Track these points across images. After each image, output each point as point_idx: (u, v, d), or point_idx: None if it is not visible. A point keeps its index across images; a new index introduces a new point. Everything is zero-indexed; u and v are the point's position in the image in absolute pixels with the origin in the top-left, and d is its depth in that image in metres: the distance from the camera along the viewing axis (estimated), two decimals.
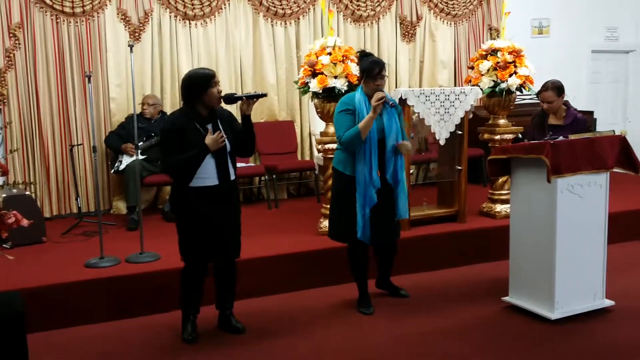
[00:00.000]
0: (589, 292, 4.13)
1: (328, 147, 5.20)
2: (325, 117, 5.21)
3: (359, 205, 4.01)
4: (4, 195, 5.02)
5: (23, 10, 6.00)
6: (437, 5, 7.73)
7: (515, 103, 5.98)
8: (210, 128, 3.63)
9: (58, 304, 4.14)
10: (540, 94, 4.70)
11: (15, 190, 5.33)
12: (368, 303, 4.31)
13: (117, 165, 6.05)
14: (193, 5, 6.60)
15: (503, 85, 5.57)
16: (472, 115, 5.60)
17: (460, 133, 5.47)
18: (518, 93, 5.74)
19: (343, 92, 4.98)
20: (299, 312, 4.34)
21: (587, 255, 4.07)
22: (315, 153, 6.81)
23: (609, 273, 4.21)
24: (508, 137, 5.71)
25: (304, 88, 5.14)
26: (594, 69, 9.20)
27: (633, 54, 9.44)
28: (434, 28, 7.79)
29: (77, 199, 6.24)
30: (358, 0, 7.30)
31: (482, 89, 5.66)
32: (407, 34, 7.63)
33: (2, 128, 5.97)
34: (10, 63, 6.00)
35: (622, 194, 6.27)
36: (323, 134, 5.28)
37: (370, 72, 4.02)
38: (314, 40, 5.58)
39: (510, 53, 5.62)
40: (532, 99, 6.90)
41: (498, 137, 5.74)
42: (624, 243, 5.69)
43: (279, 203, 6.70)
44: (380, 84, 4.03)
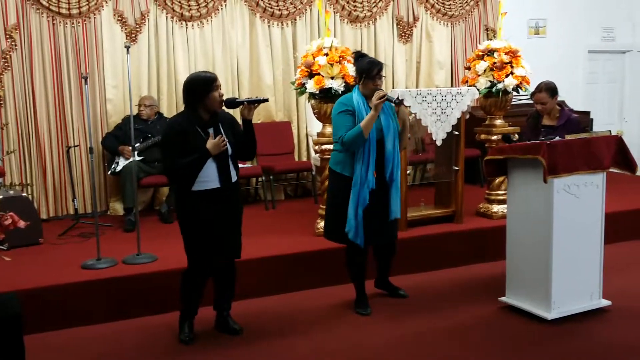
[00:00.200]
0: (586, 292, 4.13)
1: (325, 148, 5.20)
2: (322, 118, 5.21)
3: (353, 206, 4.00)
4: (1, 197, 5.04)
5: (19, 12, 5.99)
6: (433, 6, 7.74)
7: (512, 103, 5.99)
8: (212, 132, 3.62)
9: (55, 306, 4.13)
10: (534, 96, 4.71)
11: (12, 192, 5.34)
12: (365, 304, 4.31)
13: (113, 167, 6.04)
14: (190, 6, 6.60)
15: (499, 86, 5.58)
16: (468, 116, 5.61)
17: (457, 133, 5.47)
18: (514, 93, 5.76)
19: (340, 92, 4.99)
20: (297, 312, 4.34)
21: (583, 256, 4.08)
22: (312, 154, 6.81)
23: (606, 273, 4.21)
24: None
25: (301, 89, 5.14)
26: (591, 69, 9.22)
27: (629, 54, 9.46)
28: (431, 29, 7.80)
29: (73, 201, 6.23)
30: (355, 1, 7.31)
31: (478, 90, 5.67)
32: (403, 35, 7.64)
33: None
34: (7, 64, 5.99)
35: (618, 194, 6.28)
36: (320, 135, 5.28)
37: (369, 72, 4.02)
38: (311, 41, 5.59)
39: (507, 53, 5.63)
40: (528, 100, 6.90)
41: (495, 137, 5.75)
42: (621, 243, 5.70)
43: (276, 204, 6.70)
44: (379, 85, 4.03)
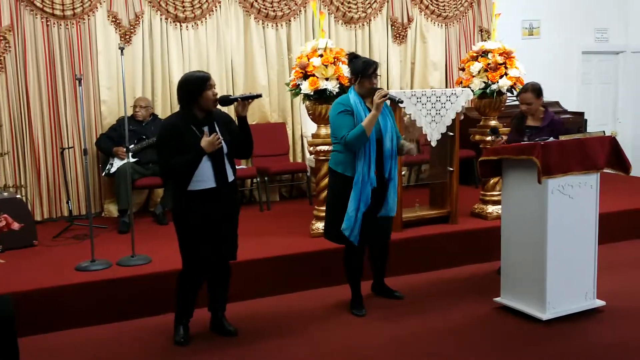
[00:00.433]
0: (580, 292, 4.15)
1: (320, 149, 5.20)
2: (317, 119, 5.22)
3: (354, 205, 4.00)
4: None
5: (13, 13, 5.97)
6: (428, 7, 7.75)
7: (506, 104, 6.00)
8: (206, 130, 3.62)
9: (49, 308, 4.12)
10: (520, 96, 4.74)
11: (6, 194, 5.33)
12: (360, 305, 4.32)
13: (108, 168, 6.03)
14: (184, 8, 6.59)
15: (494, 87, 5.60)
16: (463, 117, 5.62)
17: (452, 134, 5.48)
18: (509, 94, 5.77)
19: (334, 94, 4.99)
20: (292, 314, 4.34)
21: (578, 256, 4.09)
22: (307, 155, 6.81)
23: (600, 273, 4.23)
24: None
25: (296, 90, 5.14)
26: (584, 70, 9.25)
27: (623, 55, 9.49)
28: (425, 30, 7.81)
29: (68, 202, 6.21)
30: (349, 2, 7.31)
31: (473, 91, 5.68)
32: (398, 36, 7.65)
33: None
34: (1, 66, 5.96)
35: (612, 195, 6.30)
36: (315, 136, 5.28)
37: (365, 71, 4.05)
38: (305, 42, 5.60)
39: (501, 54, 5.65)
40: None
41: (489, 138, 5.75)
42: (615, 243, 5.72)
43: (271, 205, 6.70)
44: (375, 83, 4.08)
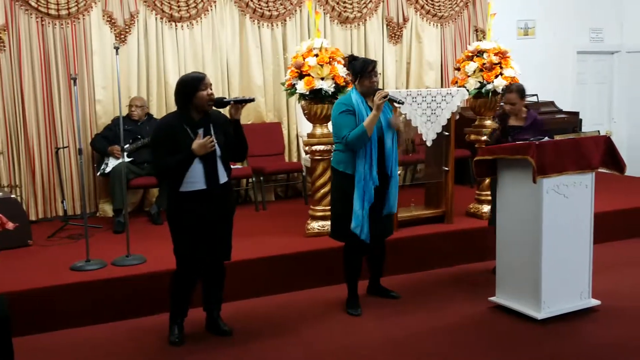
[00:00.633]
0: (575, 291, 4.16)
1: (315, 148, 5.20)
2: (313, 118, 5.21)
3: (359, 203, 4.04)
4: None
5: (8, 13, 5.95)
6: (423, 7, 7.76)
7: (501, 104, 6.01)
8: (201, 132, 3.61)
9: (44, 308, 4.11)
10: (504, 96, 4.79)
11: (1, 194, 5.32)
12: (356, 304, 4.32)
13: (103, 168, 6.01)
14: (179, 7, 6.58)
15: (489, 87, 5.61)
16: (458, 117, 5.62)
17: (447, 134, 5.49)
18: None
19: (330, 93, 4.99)
20: (287, 313, 4.34)
21: (573, 255, 4.10)
22: (303, 155, 6.81)
23: (595, 273, 4.24)
24: None
25: (291, 90, 5.14)
26: (579, 70, 9.27)
27: (618, 55, 9.52)
28: (421, 29, 7.82)
29: (63, 202, 6.19)
30: (344, 2, 7.31)
31: (468, 90, 5.69)
32: (393, 36, 7.65)
33: None
34: None
35: (607, 194, 6.31)
36: (310, 136, 5.28)
37: (364, 70, 4.09)
38: (301, 42, 5.58)
39: (496, 54, 5.66)
40: None
41: (484, 138, 5.77)
42: (610, 243, 5.73)
43: (267, 205, 6.69)
44: (375, 81, 4.11)
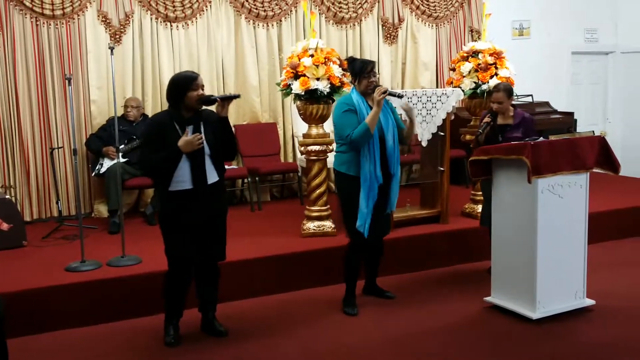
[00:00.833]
0: (570, 291, 4.17)
1: (311, 149, 5.20)
2: (308, 119, 5.21)
3: (365, 202, 4.08)
4: None
5: (2, 13, 5.93)
6: (418, 7, 7.76)
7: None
8: (189, 129, 3.60)
9: (39, 309, 4.09)
10: (492, 95, 4.81)
11: None
12: (353, 304, 4.35)
13: (98, 168, 6.00)
14: (174, 7, 6.57)
15: (484, 87, 5.61)
16: (453, 117, 5.63)
17: (442, 134, 5.49)
18: None
19: (325, 94, 4.99)
20: (283, 314, 4.34)
21: (568, 255, 4.11)
22: (298, 155, 6.81)
23: (590, 272, 4.25)
24: None
25: (287, 90, 5.14)
26: (574, 70, 9.30)
27: (612, 55, 9.55)
28: (416, 30, 7.83)
29: (57, 203, 6.18)
30: (340, 2, 7.31)
31: (463, 91, 5.70)
32: (389, 36, 7.66)
33: None
34: None
35: (602, 194, 6.34)
36: (306, 136, 5.28)
37: (362, 70, 4.14)
38: (296, 42, 5.59)
39: (491, 55, 5.67)
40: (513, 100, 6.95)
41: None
42: (604, 242, 5.76)
43: (262, 205, 6.68)
44: (374, 81, 4.14)
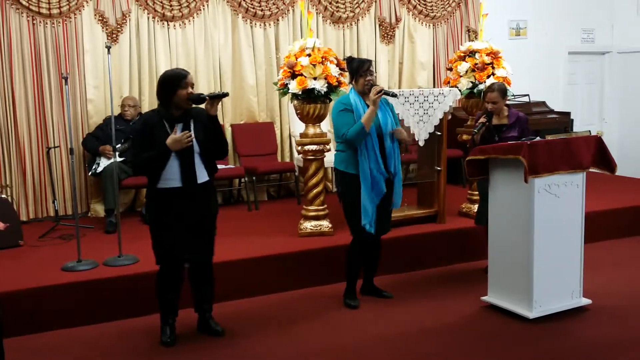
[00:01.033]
0: (567, 291, 4.17)
1: (308, 148, 5.20)
2: (305, 118, 5.21)
3: (368, 199, 4.12)
4: None
5: None
6: (415, 7, 7.77)
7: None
8: (178, 127, 3.59)
9: (35, 308, 4.09)
10: (486, 95, 4.82)
11: None
12: (355, 296, 4.43)
13: (94, 168, 5.99)
14: (171, 7, 6.56)
15: (481, 87, 5.62)
16: (450, 117, 5.64)
17: (439, 134, 5.50)
18: None
19: (322, 93, 4.99)
20: (280, 313, 4.34)
21: (564, 255, 4.12)
22: (295, 154, 6.81)
23: (586, 272, 4.26)
24: None
25: (284, 89, 5.14)
26: (571, 70, 9.32)
27: (609, 55, 9.57)
28: (413, 30, 7.83)
29: (54, 202, 6.16)
30: (337, 2, 7.31)
31: (460, 90, 5.71)
32: (386, 36, 7.66)
33: None
34: None
35: (598, 194, 6.35)
36: (303, 136, 5.28)
37: (359, 70, 4.19)
38: (293, 42, 5.58)
39: (488, 55, 5.68)
40: (509, 100, 6.96)
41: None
42: (601, 242, 5.77)
43: (259, 205, 6.68)
44: (371, 80, 4.18)
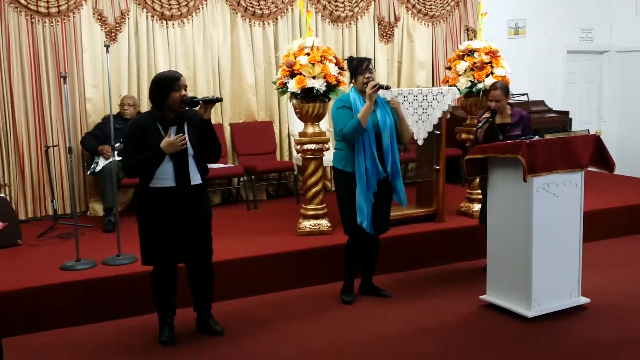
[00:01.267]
0: (565, 289, 4.18)
1: (307, 147, 5.20)
2: (304, 117, 5.21)
3: (362, 197, 4.13)
4: None
5: None
6: (414, 6, 7.77)
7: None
8: (172, 130, 3.59)
9: (34, 307, 4.08)
10: (489, 93, 4.83)
11: None
12: (351, 292, 4.47)
13: (93, 167, 5.98)
14: (170, 5, 6.55)
15: (480, 86, 5.62)
16: (449, 116, 5.64)
17: (438, 133, 5.50)
18: None
19: (321, 92, 4.99)
20: (279, 312, 4.33)
21: (563, 253, 4.12)
22: (294, 154, 6.80)
23: (585, 271, 4.26)
24: None
25: (283, 88, 5.14)
26: (569, 69, 9.32)
27: (607, 55, 9.57)
28: (412, 29, 7.83)
29: (52, 201, 6.16)
30: (336, 1, 7.31)
31: (459, 89, 5.70)
32: (385, 35, 7.66)
33: None
34: None
35: (597, 193, 6.35)
36: (302, 135, 5.27)
37: (358, 68, 4.24)
38: (292, 41, 5.58)
39: (487, 54, 5.68)
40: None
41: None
42: (599, 241, 5.77)
43: (258, 204, 6.68)
44: (370, 78, 4.21)
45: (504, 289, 4.19)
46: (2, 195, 5.34)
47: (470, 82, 5.68)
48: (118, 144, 5.86)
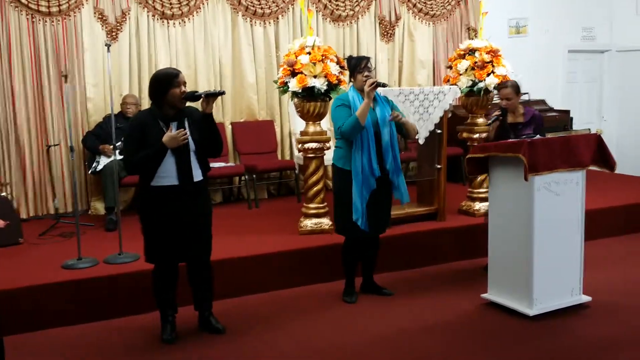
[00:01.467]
0: (567, 288, 4.18)
1: (308, 146, 5.20)
2: (305, 116, 5.21)
3: (358, 195, 4.13)
4: None
5: None
6: (415, 5, 7.77)
7: (493, 102, 6.03)
8: (173, 126, 3.59)
9: (35, 306, 4.08)
10: (500, 91, 4.82)
11: None
12: (352, 293, 4.46)
13: (94, 166, 5.99)
14: (171, 5, 6.55)
15: (481, 85, 5.63)
16: (450, 115, 5.64)
17: (440, 132, 5.50)
18: (495, 92, 5.79)
19: (322, 91, 5.00)
20: (281, 311, 4.34)
21: (564, 252, 4.12)
22: (295, 152, 6.81)
23: (586, 269, 4.27)
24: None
25: (284, 87, 5.14)
26: (570, 69, 9.32)
27: (608, 54, 9.58)
28: (413, 28, 7.83)
29: (54, 200, 6.16)
30: (337, 0, 7.31)
31: (460, 89, 5.71)
32: (386, 34, 7.66)
33: None
34: None
35: (598, 192, 6.35)
36: (303, 134, 5.28)
37: (357, 67, 4.25)
38: (293, 40, 5.58)
39: (488, 53, 5.68)
40: None
41: (476, 135, 5.79)
42: (601, 239, 5.78)
43: (259, 203, 6.69)
44: (369, 76, 4.22)
45: (505, 288, 4.20)
46: (3, 194, 5.35)
47: (471, 81, 5.68)
48: (119, 143, 5.87)
